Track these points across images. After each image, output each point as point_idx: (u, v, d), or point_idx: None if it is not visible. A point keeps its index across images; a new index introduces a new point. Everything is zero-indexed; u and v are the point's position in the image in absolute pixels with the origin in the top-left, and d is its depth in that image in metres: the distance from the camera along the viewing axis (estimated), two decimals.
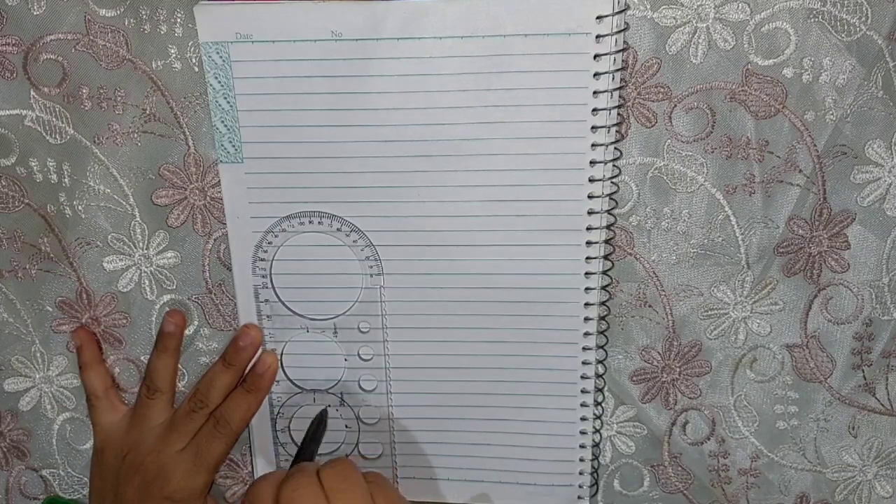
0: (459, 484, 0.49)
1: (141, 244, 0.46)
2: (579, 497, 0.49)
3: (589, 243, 0.44)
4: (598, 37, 0.40)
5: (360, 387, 0.48)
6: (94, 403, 0.48)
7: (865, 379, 0.46)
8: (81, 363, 0.48)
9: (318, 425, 0.45)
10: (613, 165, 0.43)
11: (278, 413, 0.49)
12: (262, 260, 0.45)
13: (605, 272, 0.45)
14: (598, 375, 0.47)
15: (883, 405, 0.47)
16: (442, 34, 0.40)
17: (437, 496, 0.50)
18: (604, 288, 0.45)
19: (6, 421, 0.51)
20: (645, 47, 0.41)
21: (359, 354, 0.47)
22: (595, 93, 0.41)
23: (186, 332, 0.47)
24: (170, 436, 0.45)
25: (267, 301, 0.46)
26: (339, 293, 0.46)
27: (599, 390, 0.47)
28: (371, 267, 0.45)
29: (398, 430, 0.49)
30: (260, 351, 0.47)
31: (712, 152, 0.43)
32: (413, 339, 0.46)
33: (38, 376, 0.50)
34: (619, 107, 0.42)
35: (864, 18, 0.40)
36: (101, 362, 0.48)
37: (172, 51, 0.42)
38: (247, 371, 0.46)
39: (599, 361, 0.46)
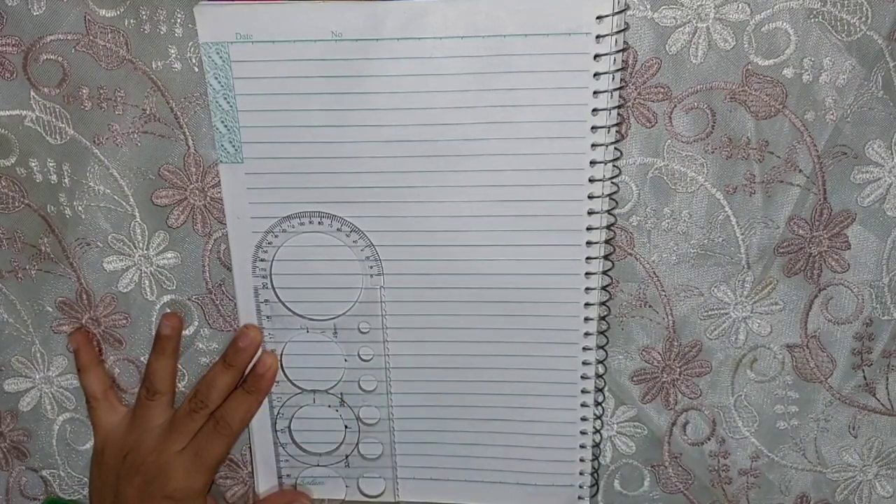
0: (459, 484, 0.49)
1: (141, 244, 0.46)
2: (580, 497, 0.49)
3: (589, 243, 0.44)
4: (598, 37, 0.40)
5: (360, 387, 0.48)
6: (94, 405, 0.48)
7: (866, 379, 0.46)
8: (80, 365, 0.48)
9: None
10: (613, 165, 0.43)
11: (278, 413, 0.49)
12: (263, 260, 0.45)
13: (605, 272, 0.45)
14: (599, 375, 0.47)
15: (883, 405, 0.47)
16: (442, 34, 0.40)
17: (437, 496, 0.50)
18: (604, 288, 0.45)
19: (6, 421, 0.51)
20: (645, 47, 0.41)
21: (359, 355, 0.47)
22: (595, 93, 0.41)
23: (186, 332, 0.47)
24: (170, 436, 0.45)
25: (267, 301, 0.46)
26: (339, 293, 0.46)
27: (600, 390, 0.47)
28: (371, 267, 0.45)
29: (398, 430, 0.49)
30: (260, 351, 0.47)
31: (712, 152, 0.43)
32: (413, 340, 0.46)
33: (38, 377, 0.50)
34: (619, 107, 0.42)
35: (864, 18, 0.40)
36: (99, 364, 0.48)
37: (172, 51, 0.42)
38: (247, 372, 0.46)
39: (600, 361, 0.46)
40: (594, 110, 0.41)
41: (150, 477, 0.45)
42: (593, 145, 0.42)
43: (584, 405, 0.47)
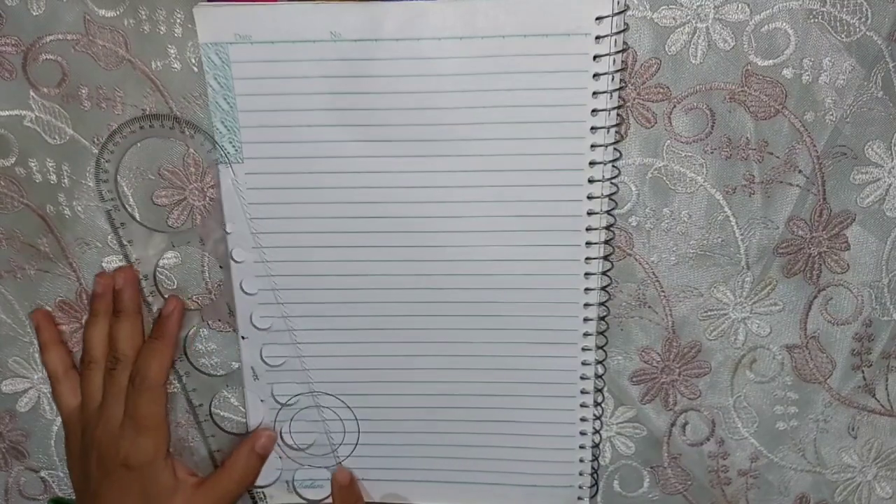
0: (457, 486, 0.49)
1: (141, 245, 0.46)
2: (579, 498, 0.49)
3: (588, 244, 0.44)
4: (597, 37, 0.40)
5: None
6: (55, 386, 0.47)
7: (865, 380, 0.46)
8: (40, 343, 0.47)
9: None
10: (613, 166, 0.43)
11: (278, 414, 0.49)
12: (105, 181, 0.44)
13: (604, 272, 0.45)
14: (598, 376, 0.47)
15: (882, 406, 0.47)
16: (441, 35, 0.40)
17: (436, 498, 0.50)
18: (603, 288, 0.45)
19: (4, 422, 0.51)
20: (644, 48, 0.41)
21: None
22: (594, 94, 0.41)
23: (187, 332, 0.47)
24: (105, 404, 0.45)
25: (123, 224, 0.45)
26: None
27: (599, 391, 0.47)
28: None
29: (398, 431, 0.49)
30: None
31: (712, 153, 0.43)
32: (413, 340, 0.46)
33: (36, 377, 0.50)
34: (618, 107, 0.42)
35: (863, 19, 0.40)
36: (60, 343, 0.47)
37: (172, 51, 0.42)
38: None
39: (599, 362, 0.46)
40: (593, 111, 0.41)
41: (103, 450, 0.45)
42: (593, 146, 0.42)
43: (583, 405, 0.47)
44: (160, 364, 0.45)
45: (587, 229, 0.43)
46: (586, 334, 0.45)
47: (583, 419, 0.47)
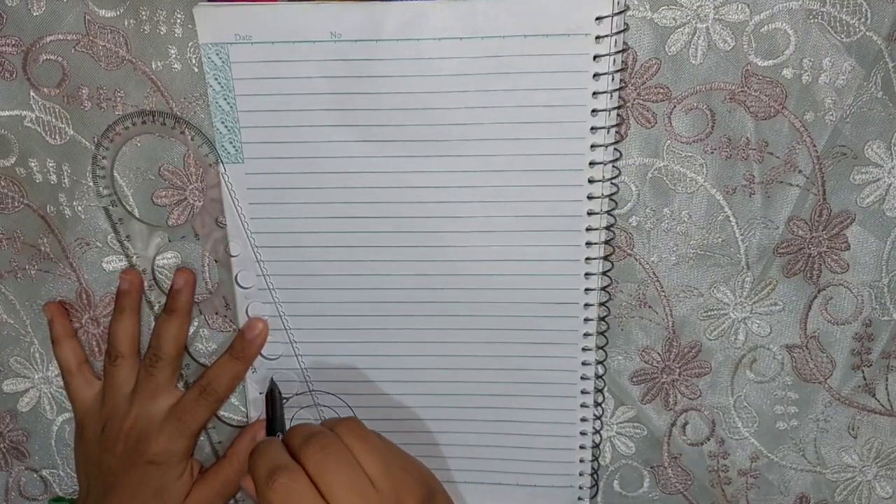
0: (458, 486, 0.49)
1: (140, 245, 0.46)
2: (579, 498, 0.49)
3: (589, 244, 0.44)
4: (597, 38, 0.40)
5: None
6: (68, 380, 0.47)
7: (865, 379, 0.47)
8: (53, 337, 0.47)
9: (272, 398, 0.45)
10: (613, 166, 0.43)
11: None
12: (102, 177, 0.44)
13: (604, 273, 0.45)
14: (598, 376, 0.47)
15: (882, 406, 0.47)
16: (441, 35, 0.40)
17: None
18: (603, 288, 0.45)
19: (5, 421, 0.51)
20: (644, 48, 0.41)
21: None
22: (594, 94, 0.41)
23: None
24: (139, 400, 0.45)
25: (121, 220, 0.45)
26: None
27: (599, 391, 0.47)
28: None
29: (398, 431, 0.48)
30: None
31: (712, 153, 0.43)
32: (412, 340, 0.46)
33: (37, 377, 0.50)
34: (618, 108, 0.42)
35: (863, 19, 0.40)
36: (73, 336, 0.48)
37: (172, 51, 0.42)
38: (236, 337, 0.47)
39: (599, 362, 0.46)
40: (594, 111, 0.41)
41: (131, 443, 0.45)
42: (593, 146, 0.42)
43: (583, 405, 0.47)
44: (231, 383, 0.46)
45: (587, 229, 0.43)
46: (586, 334, 0.45)
47: (583, 419, 0.47)
